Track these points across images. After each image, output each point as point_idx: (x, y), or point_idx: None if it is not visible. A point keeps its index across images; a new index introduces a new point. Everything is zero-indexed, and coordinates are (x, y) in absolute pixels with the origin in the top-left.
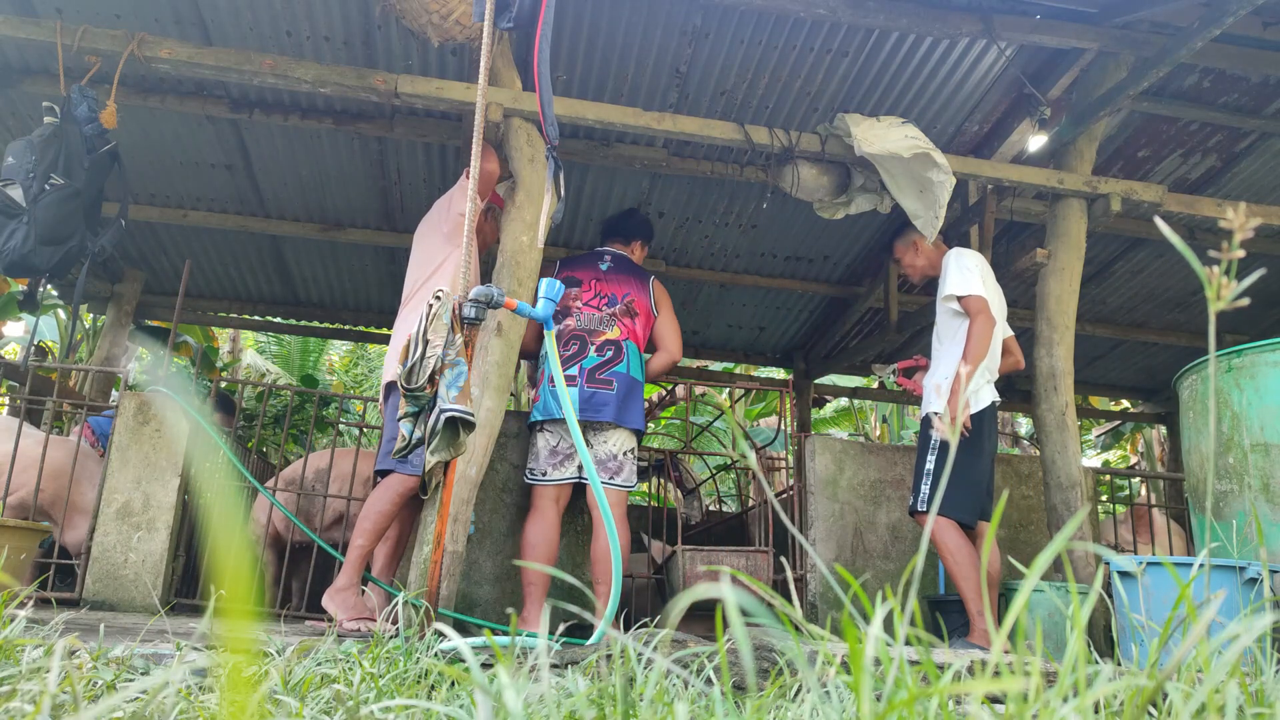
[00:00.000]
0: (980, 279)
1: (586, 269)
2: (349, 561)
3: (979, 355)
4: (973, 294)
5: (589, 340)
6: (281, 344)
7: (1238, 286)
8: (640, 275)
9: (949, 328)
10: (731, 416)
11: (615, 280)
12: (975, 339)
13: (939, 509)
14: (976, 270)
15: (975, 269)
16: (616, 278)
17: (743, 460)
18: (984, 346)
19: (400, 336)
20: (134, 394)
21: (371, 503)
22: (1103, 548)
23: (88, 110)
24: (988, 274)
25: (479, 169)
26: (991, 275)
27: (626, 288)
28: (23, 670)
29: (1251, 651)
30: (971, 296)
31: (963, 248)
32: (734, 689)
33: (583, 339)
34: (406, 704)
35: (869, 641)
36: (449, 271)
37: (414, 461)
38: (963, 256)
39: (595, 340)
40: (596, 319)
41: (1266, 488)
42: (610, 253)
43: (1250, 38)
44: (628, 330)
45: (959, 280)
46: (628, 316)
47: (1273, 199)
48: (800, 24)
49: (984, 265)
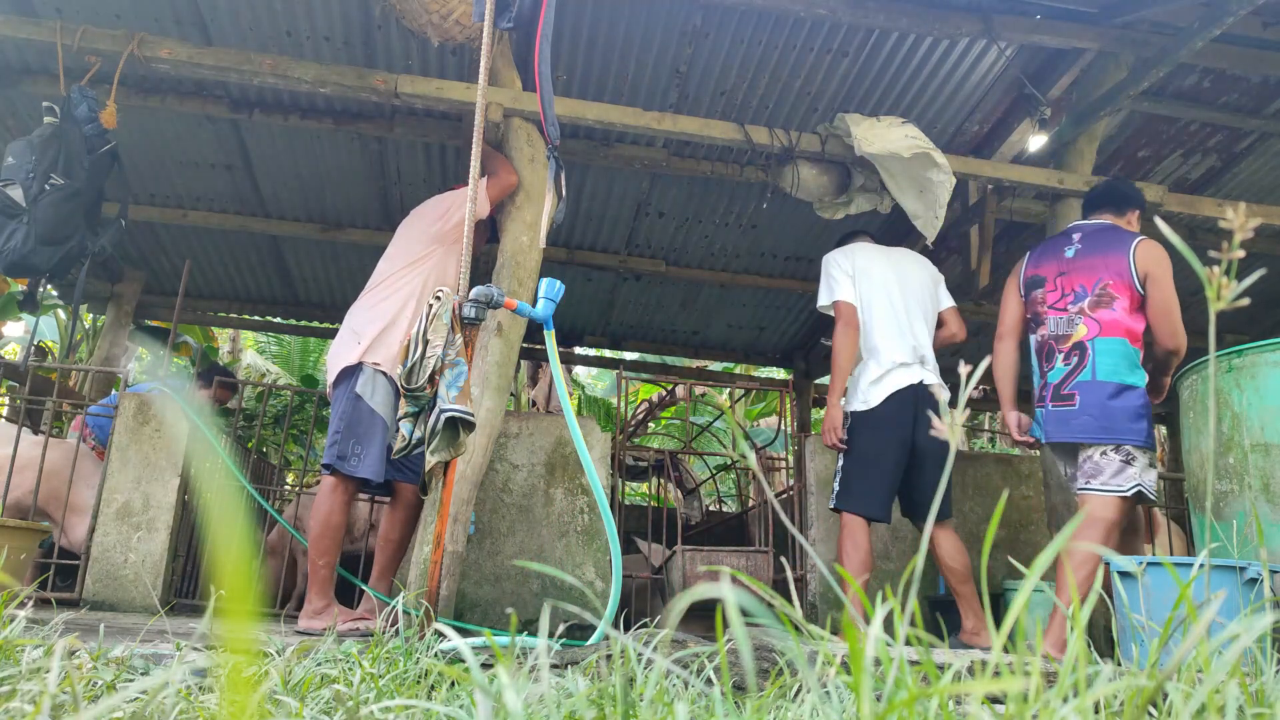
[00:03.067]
0: (846, 275)
1: (1050, 261)
2: (315, 582)
3: (839, 366)
4: (832, 301)
5: (1056, 349)
6: (281, 344)
7: (1238, 286)
8: (1120, 245)
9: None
10: (731, 416)
11: (1083, 265)
12: (834, 349)
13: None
14: (839, 270)
15: (838, 269)
16: (1085, 261)
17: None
18: (842, 356)
19: (359, 321)
20: (133, 393)
21: (317, 514)
22: (1102, 548)
23: (88, 110)
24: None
25: (502, 181)
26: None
27: (1098, 272)
28: (23, 670)
29: (1251, 651)
30: (834, 304)
31: (835, 251)
32: (734, 689)
33: (1051, 348)
34: (406, 704)
35: (869, 641)
36: (427, 270)
37: (351, 462)
38: (827, 263)
39: (1063, 348)
40: (1064, 321)
41: (1267, 488)
42: (1081, 228)
43: (1250, 38)
44: (1099, 325)
45: (821, 292)
46: (1100, 308)
47: (1273, 199)
48: (800, 24)
49: (856, 256)
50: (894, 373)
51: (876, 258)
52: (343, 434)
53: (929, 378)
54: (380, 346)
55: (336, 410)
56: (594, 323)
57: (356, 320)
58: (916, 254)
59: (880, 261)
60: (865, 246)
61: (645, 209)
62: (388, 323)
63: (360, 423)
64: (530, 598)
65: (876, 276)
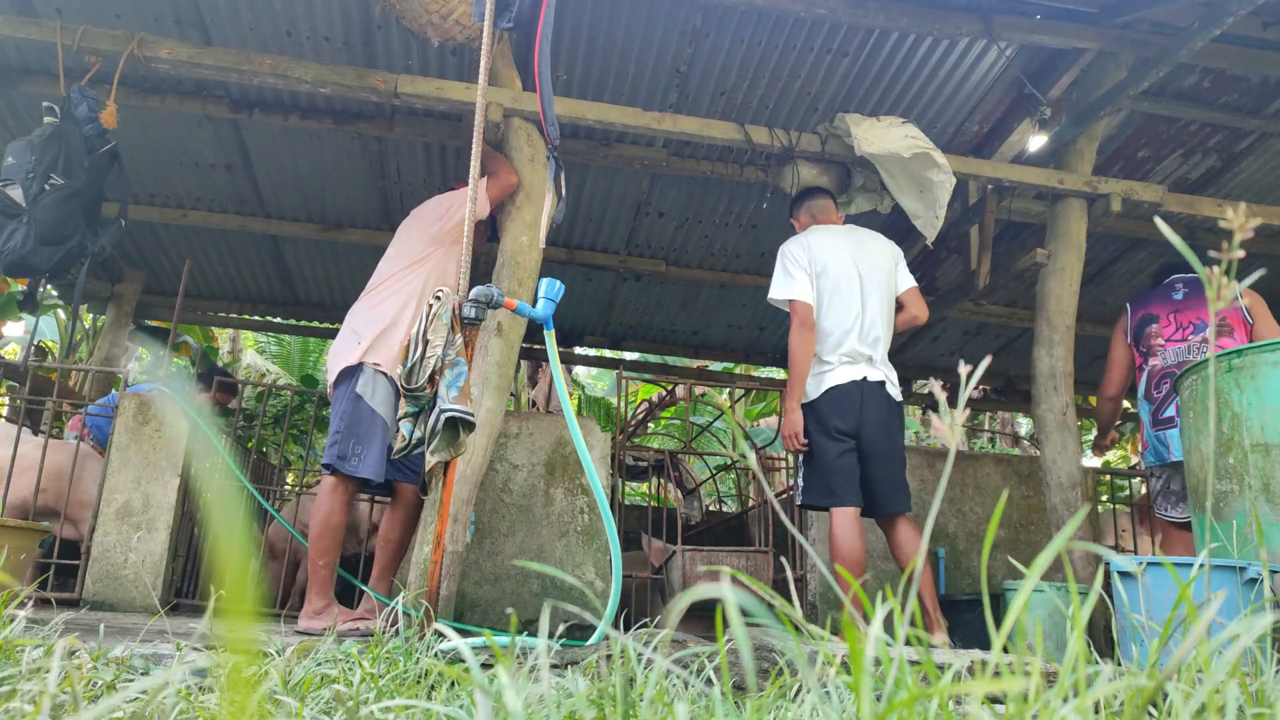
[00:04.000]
0: (804, 271)
1: (1160, 303)
2: (315, 582)
3: (796, 369)
4: (787, 299)
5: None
6: (281, 344)
7: (1238, 287)
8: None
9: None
10: (731, 416)
11: (1196, 303)
12: (790, 351)
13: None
14: (796, 265)
15: (795, 263)
16: (1197, 300)
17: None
18: (798, 358)
19: (359, 321)
20: (133, 393)
21: (317, 514)
22: (1103, 548)
23: (88, 110)
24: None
25: (502, 181)
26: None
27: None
28: (23, 670)
29: (1251, 651)
30: (788, 302)
31: (791, 240)
32: (734, 689)
33: (1173, 375)
34: (406, 704)
35: (869, 641)
36: (427, 270)
37: (351, 462)
38: (784, 254)
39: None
40: (1184, 349)
41: (1267, 488)
42: (1182, 278)
43: (1250, 38)
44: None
45: (775, 284)
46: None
47: (1273, 199)
48: (800, 24)
49: (814, 247)
50: (838, 369)
51: (834, 244)
52: (343, 434)
53: (874, 374)
54: (381, 347)
55: (337, 410)
56: (594, 323)
57: (357, 321)
58: (875, 233)
59: (839, 250)
60: (822, 233)
61: (645, 209)
62: (388, 323)
63: (361, 423)
64: (530, 598)
65: (834, 270)
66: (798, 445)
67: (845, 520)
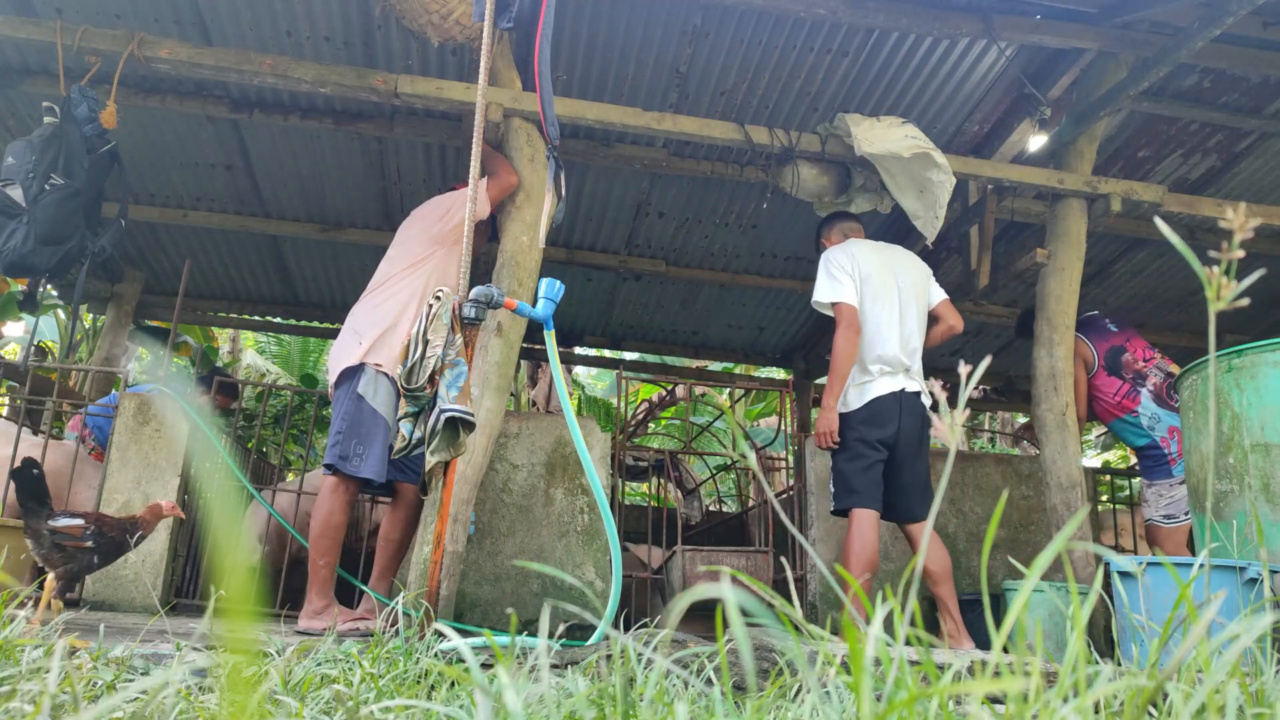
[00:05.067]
0: (850, 277)
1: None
2: (316, 582)
3: (838, 369)
4: (833, 301)
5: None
6: (281, 344)
7: (1238, 287)
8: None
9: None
10: (731, 416)
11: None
12: (834, 351)
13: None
14: (842, 270)
15: (841, 269)
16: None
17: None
18: (842, 359)
19: (361, 322)
20: (133, 393)
21: (319, 513)
22: (1103, 548)
23: (88, 110)
24: (868, 261)
25: (502, 181)
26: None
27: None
28: (23, 670)
29: (1251, 651)
30: (832, 305)
31: (835, 247)
32: (734, 689)
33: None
34: (406, 704)
35: (869, 641)
36: (428, 271)
37: (353, 462)
38: (829, 260)
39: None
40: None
41: (1267, 488)
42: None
43: (1250, 38)
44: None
45: (819, 287)
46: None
47: (1273, 199)
48: (800, 24)
49: (858, 256)
50: (878, 380)
51: (874, 258)
52: (345, 434)
53: (911, 385)
54: (382, 348)
55: (338, 411)
56: (594, 323)
57: (358, 321)
58: (907, 250)
59: (878, 263)
60: (862, 245)
61: (645, 209)
62: (389, 324)
63: (362, 423)
64: (530, 598)
65: (875, 280)
66: (830, 443)
67: (865, 522)
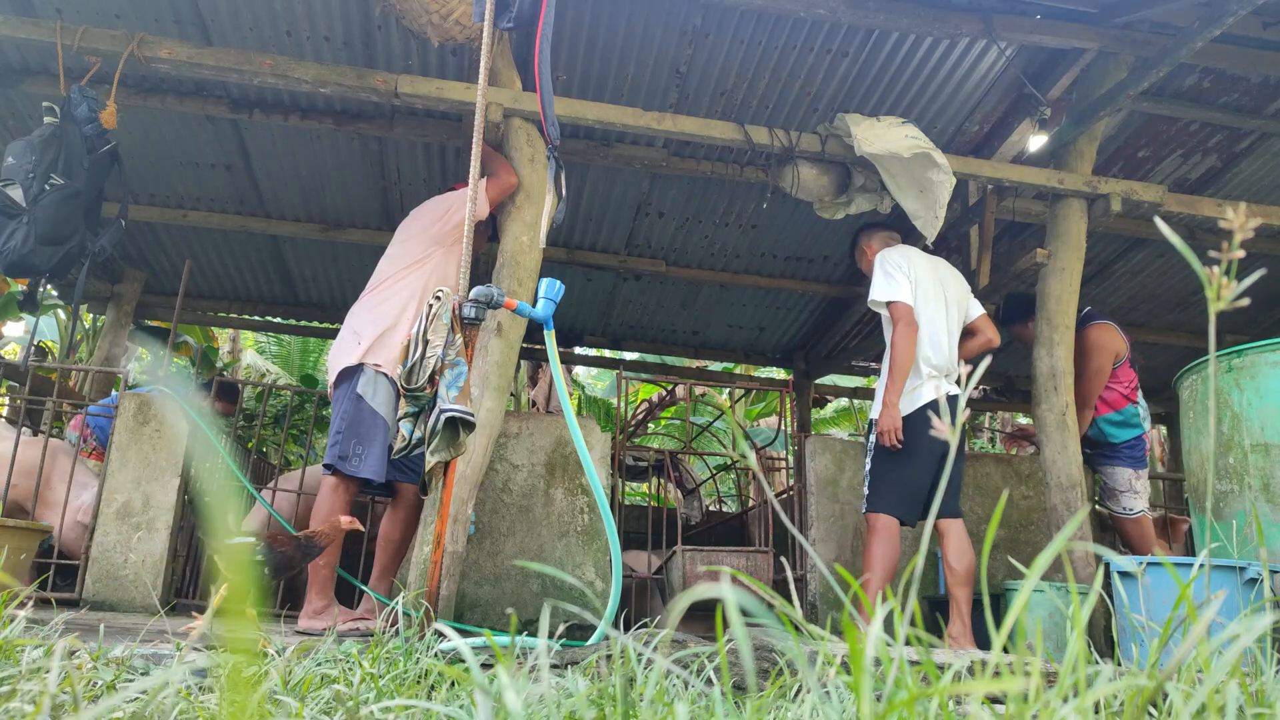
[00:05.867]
0: (906, 278)
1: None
2: (315, 582)
3: (899, 365)
4: (891, 300)
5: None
6: (281, 344)
7: (1238, 287)
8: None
9: (888, 332)
10: (731, 416)
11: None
12: (895, 349)
13: (869, 505)
14: (900, 271)
15: (899, 270)
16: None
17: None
18: (903, 356)
19: (360, 322)
20: (134, 394)
21: (318, 514)
22: (1103, 548)
23: (88, 110)
24: (921, 266)
25: (501, 181)
26: (931, 264)
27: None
28: (23, 670)
29: (1251, 651)
30: (892, 304)
31: (891, 249)
32: (734, 689)
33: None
34: (406, 704)
35: (869, 641)
36: (427, 271)
37: (352, 463)
38: (886, 260)
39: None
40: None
41: (1266, 488)
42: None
43: (1250, 38)
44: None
45: (878, 286)
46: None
47: (1273, 199)
48: (800, 24)
49: (913, 260)
50: (925, 385)
51: (926, 266)
52: (344, 434)
53: (953, 389)
54: (381, 348)
55: (338, 411)
56: (594, 323)
57: (357, 321)
58: (951, 264)
59: (929, 271)
60: (915, 252)
61: (645, 209)
62: (389, 324)
63: (362, 423)
64: (530, 598)
65: (927, 287)
66: (894, 441)
67: (894, 529)
